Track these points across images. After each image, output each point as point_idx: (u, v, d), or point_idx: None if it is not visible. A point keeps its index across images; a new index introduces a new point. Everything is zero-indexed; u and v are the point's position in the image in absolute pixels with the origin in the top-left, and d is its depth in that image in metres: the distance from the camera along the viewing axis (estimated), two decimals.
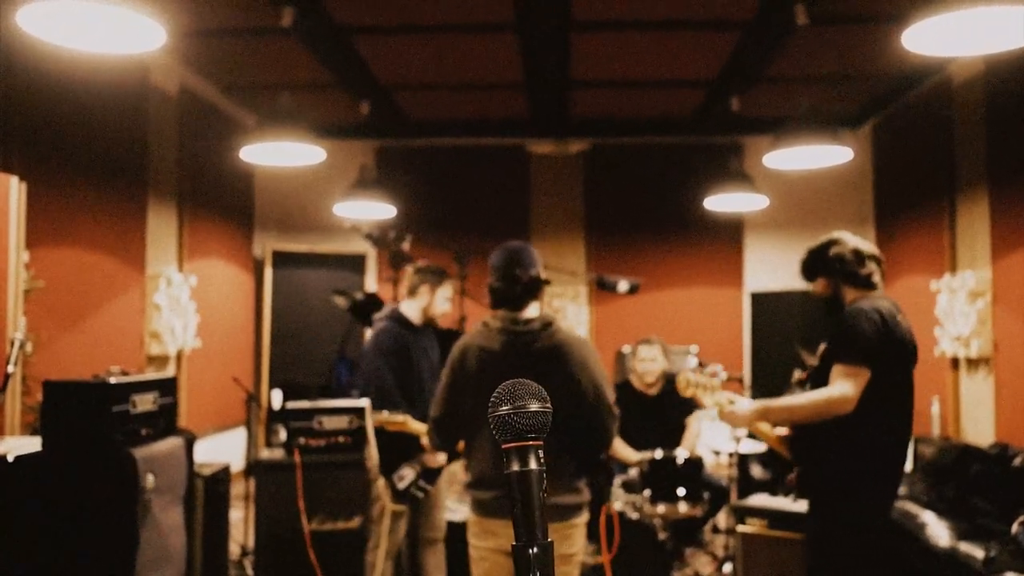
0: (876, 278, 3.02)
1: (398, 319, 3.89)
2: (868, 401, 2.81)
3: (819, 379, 2.94)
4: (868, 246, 3.06)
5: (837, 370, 2.85)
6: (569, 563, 2.70)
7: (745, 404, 3.02)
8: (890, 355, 2.86)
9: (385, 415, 3.53)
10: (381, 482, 3.81)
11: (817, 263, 3.08)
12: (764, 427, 3.09)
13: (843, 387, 2.81)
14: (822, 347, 3.01)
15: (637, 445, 4.89)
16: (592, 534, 3.10)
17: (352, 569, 4.12)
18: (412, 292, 3.91)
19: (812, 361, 3.08)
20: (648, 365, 5.03)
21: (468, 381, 2.71)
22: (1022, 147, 5.07)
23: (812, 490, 3.00)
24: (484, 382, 2.64)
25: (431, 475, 3.73)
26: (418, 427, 3.46)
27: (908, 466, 5.41)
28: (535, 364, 2.63)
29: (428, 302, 3.89)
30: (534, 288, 2.72)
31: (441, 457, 3.70)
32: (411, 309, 3.90)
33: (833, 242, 3.07)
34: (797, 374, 3.30)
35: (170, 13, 2.92)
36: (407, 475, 3.69)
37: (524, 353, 2.66)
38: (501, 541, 2.66)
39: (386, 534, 3.80)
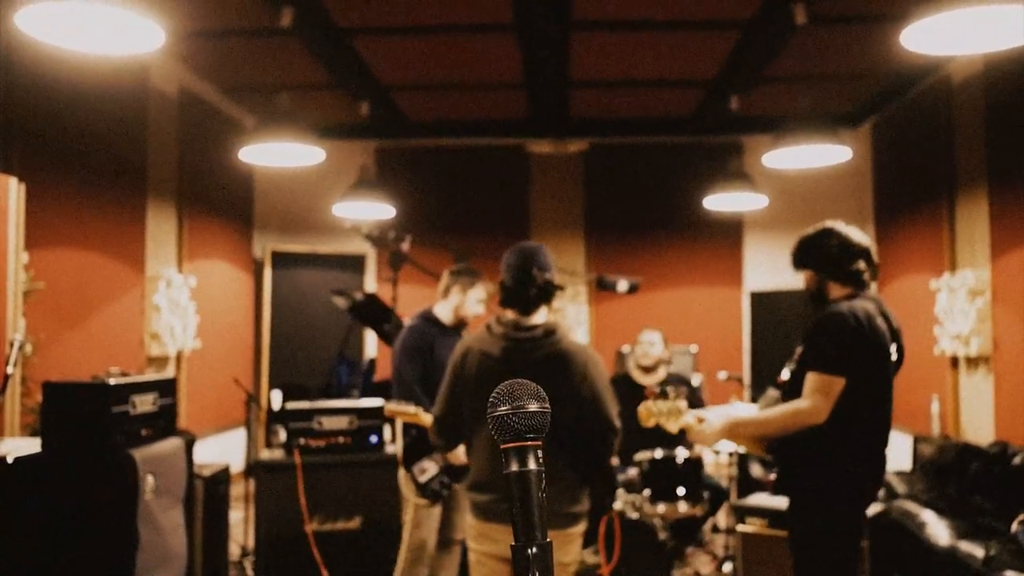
0: (866, 276, 2.91)
1: (428, 318, 3.93)
2: (845, 405, 2.75)
3: (795, 385, 2.87)
4: (861, 239, 2.94)
5: (810, 380, 2.77)
6: (564, 572, 2.68)
7: (715, 421, 2.95)
8: (866, 361, 2.78)
9: (395, 405, 3.52)
10: (403, 475, 3.77)
11: (805, 254, 2.99)
12: None
13: (813, 400, 2.74)
14: (799, 350, 2.93)
15: (633, 438, 4.89)
16: (591, 540, 3.09)
17: (351, 569, 4.13)
18: (444, 293, 3.95)
19: (790, 364, 3.02)
20: (646, 348, 5.14)
21: (467, 384, 2.68)
22: (1021, 146, 5.07)
23: (791, 491, 2.94)
24: (482, 386, 2.61)
25: (455, 472, 3.70)
26: (429, 420, 3.47)
27: (908, 465, 5.44)
28: (535, 372, 2.56)
29: (460, 302, 3.91)
30: (548, 292, 2.67)
31: (461, 453, 3.67)
32: (443, 310, 3.94)
33: (825, 233, 2.96)
34: (780, 377, 3.25)
35: (169, 14, 2.92)
36: (428, 468, 3.64)
37: (524, 360, 2.62)
38: (499, 546, 2.63)
39: (409, 530, 3.77)
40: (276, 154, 4.94)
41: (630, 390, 5.15)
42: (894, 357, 2.90)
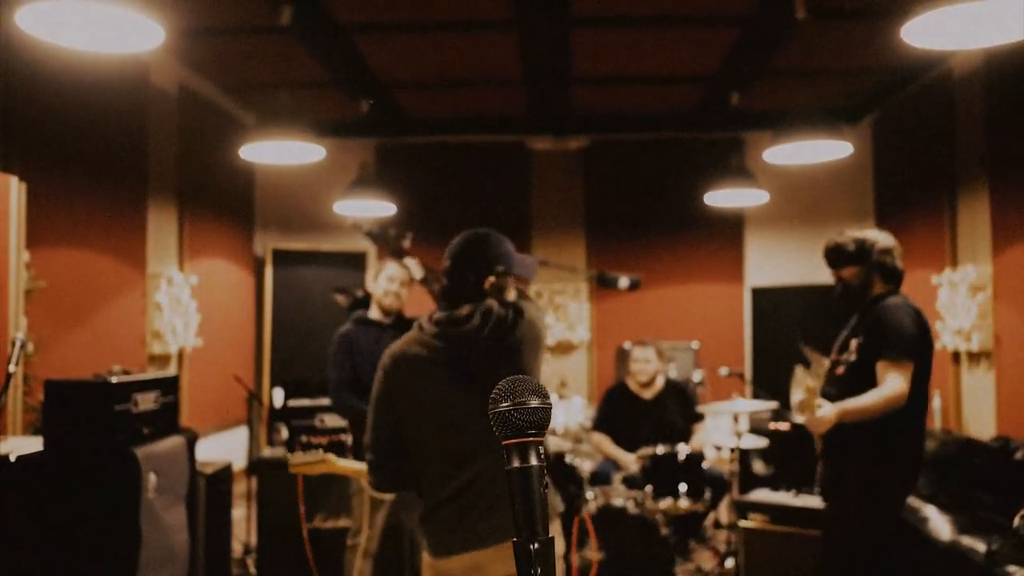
0: (902, 275, 3.18)
1: (358, 320, 3.76)
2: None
3: (858, 375, 2.99)
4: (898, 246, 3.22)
5: (886, 366, 2.92)
6: None
7: (828, 409, 2.99)
8: (924, 349, 2.98)
9: (300, 456, 2.66)
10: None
11: (859, 251, 3.15)
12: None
13: (900, 382, 2.88)
14: (855, 342, 3.06)
15: (632, 447, 4.89)
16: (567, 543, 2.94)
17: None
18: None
19: (817, 357, 3.10)
20: (642, 366, 5.11)
21: (402, 397, 2.23)
22: (1022, 141, 5.06)
23: (838, 482, 3.06)
24: (420, 396, 2.21)
25: None
26: (346, 466, 2.70)
27: None
28: (481, 364, 2.19)
29: (374, 289, 3.74)
30: (481, 294, 2.25)
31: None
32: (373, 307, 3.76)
33: (874, 234, 3.19)
34: (838, 368, 3.23)
35: (169, 12, 2.92)
36: None
37: (467, 356, 2.20)
38: None
39: (366, 526, 3.55)
40: (277, 152, 4.94)
41: (627, 399, 5.15)
42: None
